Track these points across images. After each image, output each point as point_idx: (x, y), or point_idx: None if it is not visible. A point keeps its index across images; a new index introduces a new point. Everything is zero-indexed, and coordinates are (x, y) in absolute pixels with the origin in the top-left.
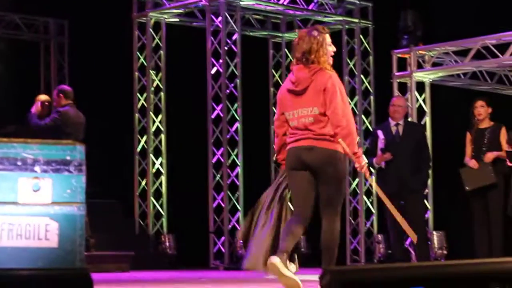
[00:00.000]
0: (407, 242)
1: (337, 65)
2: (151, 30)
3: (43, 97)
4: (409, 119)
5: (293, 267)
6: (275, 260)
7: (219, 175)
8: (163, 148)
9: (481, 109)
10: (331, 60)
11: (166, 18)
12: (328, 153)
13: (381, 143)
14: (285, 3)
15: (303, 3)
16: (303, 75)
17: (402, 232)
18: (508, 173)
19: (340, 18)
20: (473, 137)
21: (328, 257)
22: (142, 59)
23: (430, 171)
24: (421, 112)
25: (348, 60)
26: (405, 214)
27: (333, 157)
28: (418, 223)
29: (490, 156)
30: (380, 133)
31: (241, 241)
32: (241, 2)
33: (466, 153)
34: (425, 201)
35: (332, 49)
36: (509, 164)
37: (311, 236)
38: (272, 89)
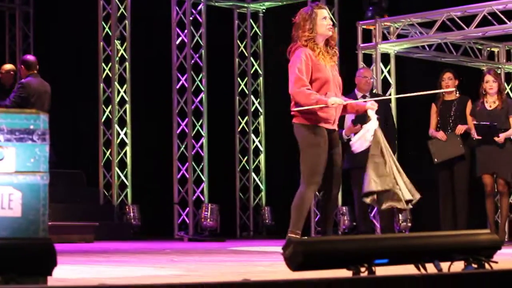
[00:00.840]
0: (372, 215)
1: None
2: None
3: (7, 66)
4: (374, 91)
5: None
6: None
7: (183, 146)
8: (128, 118)
9: (449, 81)
10: (326, 31)
11: None
12: (294, 127)
13: (352, 115)
14: None
15: None
16: (288, 54)
17: (366, 204)
18: (474, 146)
19: None
20: (438, 108)
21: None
22: (107, 29)
23: (396, 142)
24: (386, 84)
25: None
26: None
27: (295, 130)
28: None
29: (461, 128)
30: None
31: None
32: None
33: (430, 124)
34: None
35: (326, 22)
36: (475, 136)
37: (276, 208)
38: (237, 60)
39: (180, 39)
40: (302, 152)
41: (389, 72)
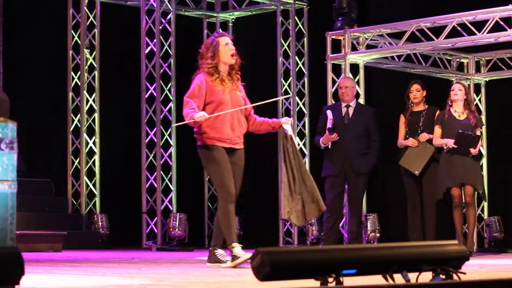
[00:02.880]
0: (340, 224)
1: (271, 46)
2: (85, 8)
3: None
4: (361, 101)
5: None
6: None
7: (152, 155)
8: (97, 127)
9: (417, 93)
10: (228, 59)
11: None
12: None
13: (329, 123)
14: None
15: None
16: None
17: (336, 213)
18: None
19: None
20: (407, 119)
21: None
22: (76, 38)
23: (378, 154)
24: (355, 95)
25: (283, 41)
26: (347, 195)
27: (198, 152)
28: (356, 206)
29: (425, 135)
30: (329, 113)
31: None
32: None
33: (399, 135)
34: None
35: (228, 48)
36: (451, 146)
37: (245, 217)
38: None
39: (149, 48)
40: (206, 171)
41: (358, 82)
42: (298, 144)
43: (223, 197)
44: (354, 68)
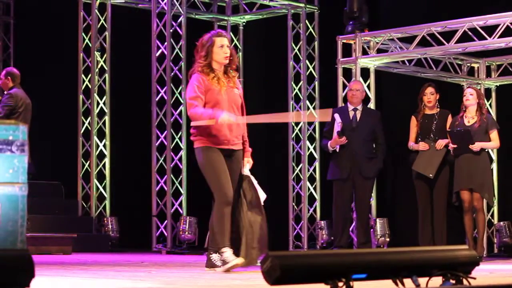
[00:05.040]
0: (350, 228)
1: (282, 49)
2: (96, 11)
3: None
4: (369, 106)
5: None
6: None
7: (162, 158)
8: (107, 130)
9: (431, 96)
10: (221, 60)
11: None
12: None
13: (337, 126)
14: None
15: None
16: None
17: (346, 218)
18: (452, 162)
19: (286, 2)
20: (419, 122)
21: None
22: (87, 40)
23: (384, 158)
24: (365, 99)
25: (293, 45)
26: (354, 199)
27: (195, 154)
28: (364, 210)
29: (441, 143)
30: (337, 116)
31: None
32: None
33: (410, 137)
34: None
35: (223, 51)
36: (451, 146)
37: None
38: None
39: (160, 51)
40: (203, 173)
41: (368, 86)
42: (308, 148)
43: (219, 199)
44: (365, 72)
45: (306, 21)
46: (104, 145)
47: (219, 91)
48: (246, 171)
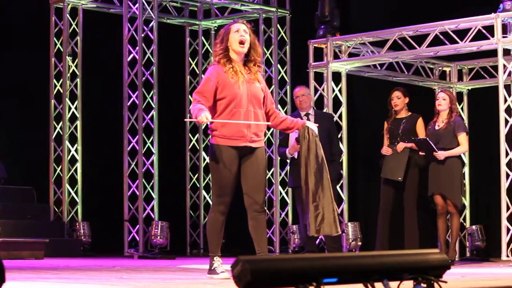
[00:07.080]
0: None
1: None
2: (68, 15)
3: None
4: (325, 110)
5: None
6: None
7: (134, 163)
8: (79, 134)
9: (398, 100)
10: (236, 46)
11: (83, 4)
12: None
13: (295, 133)
14: None
15: None
16: None
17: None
18: (423, 165)
19: (257, 7)
20: (389, 126)
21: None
22: (58, 45)
23: (341, 161)
24: (337, 102)
25: (265, 49)
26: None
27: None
28: None
29: (401, 145)
30: None
31: None
32: None
33: (384, 142)
34: (340, 192)
35: (238, 35)
36: (420, 153)
37: (226, 225)
38: (188, 77)
39: (131, 55)
40: (210, 171)
41: (340, 90)
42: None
43: (215, 206)
44: (336, 76)
45: (278, 26)
46: (76, 150)
47: (235, 83)
48: (315, 130)
